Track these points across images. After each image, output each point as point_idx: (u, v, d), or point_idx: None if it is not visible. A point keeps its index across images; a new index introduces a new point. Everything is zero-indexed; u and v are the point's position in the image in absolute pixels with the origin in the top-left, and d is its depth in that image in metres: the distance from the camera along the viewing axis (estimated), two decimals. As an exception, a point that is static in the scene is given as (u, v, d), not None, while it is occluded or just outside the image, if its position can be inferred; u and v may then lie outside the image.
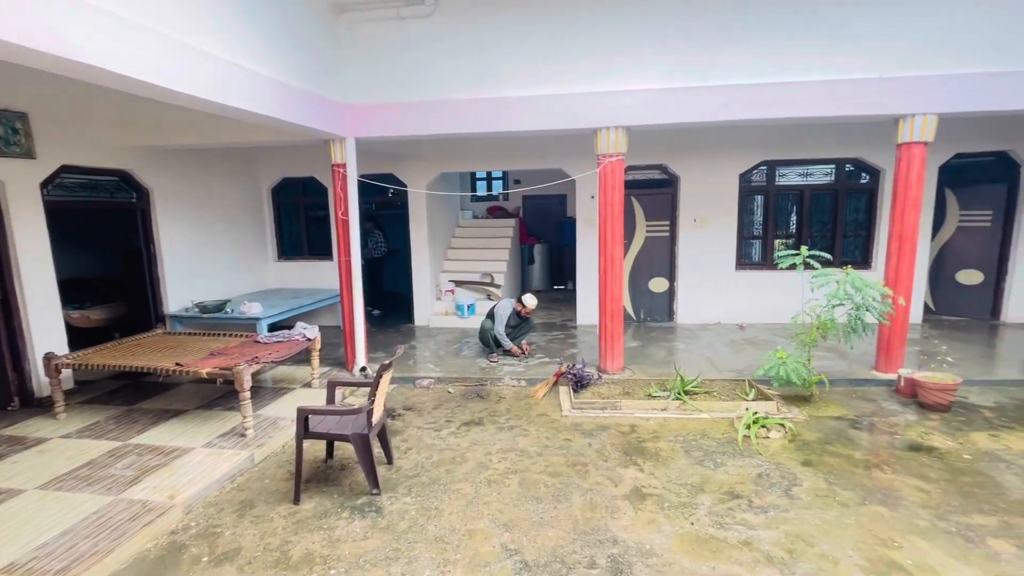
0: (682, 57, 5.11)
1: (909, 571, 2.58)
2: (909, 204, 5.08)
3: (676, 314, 7.93)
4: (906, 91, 4.91)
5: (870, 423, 4.33)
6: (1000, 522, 2.95)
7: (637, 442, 4.08)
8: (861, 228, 7.66)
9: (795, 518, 3.03)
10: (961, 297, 7.72)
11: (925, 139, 4.99)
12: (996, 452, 3.77)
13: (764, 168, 7.68)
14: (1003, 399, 4.78)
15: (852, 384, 5.19)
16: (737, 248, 7.70)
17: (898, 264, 5.16)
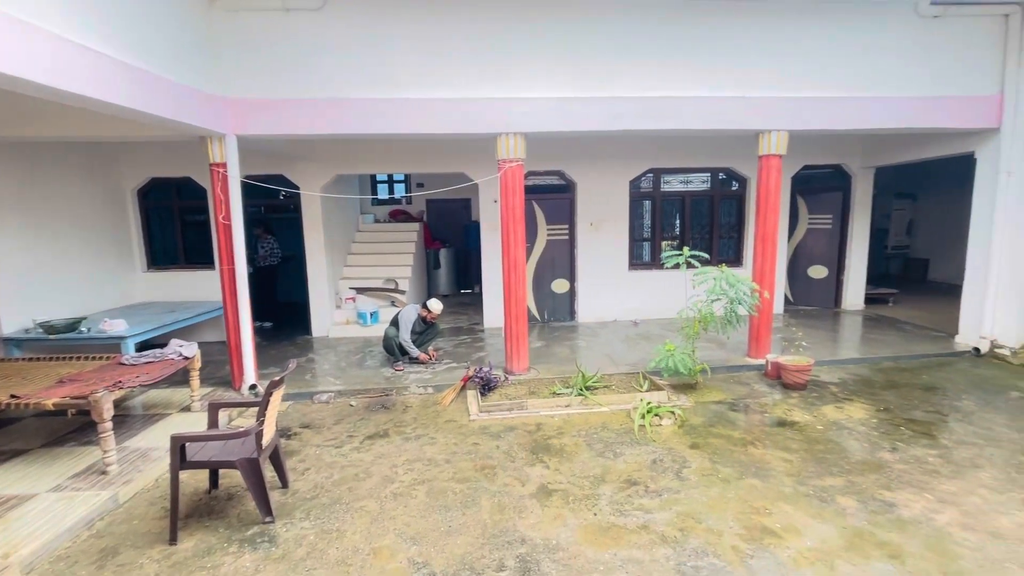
0: (578, 69, 5.36)
1: (778, 534, 2.91)
2: (770, 208, 5.77)
3: (577, 313, 8.28)
4: (765, 110, 5.58)
5: (745, 405, 4.84)
6: (846, 481, 3.44)
7: (543, 440, 4.18)
8: (733, 230, 8.57)
9: (685, 498, 3.29)
10: (812, 289, 8.94)
11: (780, 152, 5.70)
12: (841, 421, 4.40)
13: (651, 175, 8.30)
14: (845, 376, 5.60)
15: (730, 370, 5.78)
16: (629, 250, 8.23)
17: (763, 262, 5.84)
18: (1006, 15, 5.71)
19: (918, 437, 4.06)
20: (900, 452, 3.82)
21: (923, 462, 3.67)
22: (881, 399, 4.88)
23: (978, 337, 6.16)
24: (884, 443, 3.97)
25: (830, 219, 8.66)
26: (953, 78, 5.81)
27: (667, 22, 5.40)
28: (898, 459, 3.72)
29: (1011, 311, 5.93)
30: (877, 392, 5.07)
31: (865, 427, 4.27)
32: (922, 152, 7.03)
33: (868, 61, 5.68)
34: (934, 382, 5.31)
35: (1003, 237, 5.93)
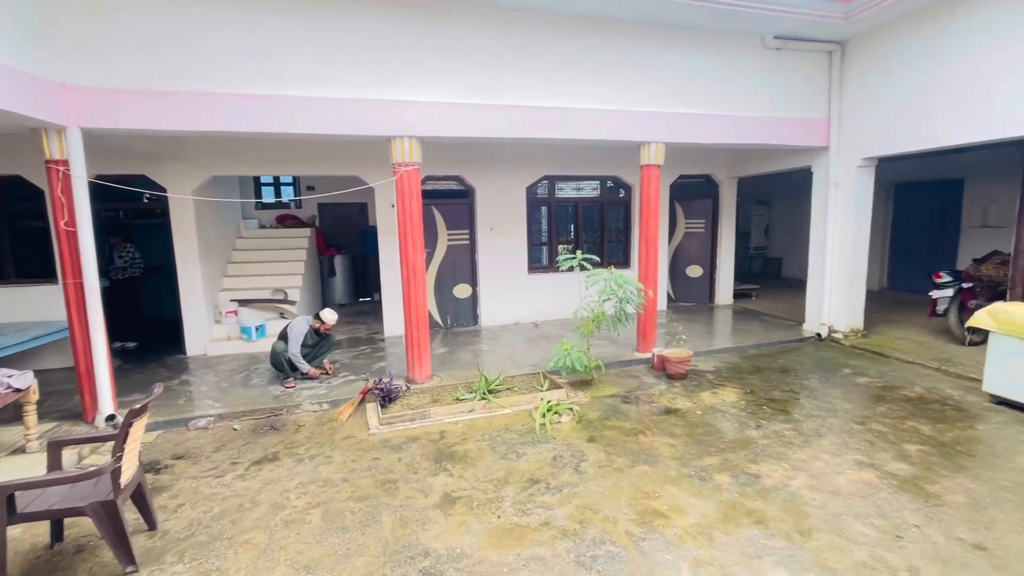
0: (472, 76, 5.41)
1: (666, 514, 3.16)
2: (651, 214, 6.27)
3: (480, 317, 8.33)
4: (645, 123, 6.06)
5: (635, 397, 5.19)
6: (721, 459, 3.83)
7: (447, 447, 4.14)
8: (622, 234, 9.19)
9: (584, 491, 3.44)
10: (690, 287, 9.87)
11: (658, 162, 6.22)
12: (716, 405, 4.90)
13: (546, 182, 8.62)
14: (719, 364, 6.24)
15: (621, 365, 6.17)
16: (528, 253, 8.47)
17: (647, 263, 6.32)
18: (829, 52, 6.77)
19: (777, 414, 4.65)
20: (763, 428, 4.34)
21: (781, 436, 4.20)
22: (748, 383, 5.51)
23: (819, 324, 7.22)
24: (751, 422, 4.49)
25: (703, 223, 9.62)
26: (793, 102, 6.77)
27: (555, 38, 5.65)
28: (762, 435, 4.22)
29: (842, 302, 7.02)
30: (744, 377, 5.72)
31: (736, 409, 4.80)
32: (773, 165, 8.09)
33: (727, 84, 6.41)
34: (788, 365, 6.11)
35: (834, 238, 7.01)
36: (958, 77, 5.42)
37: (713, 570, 2.65)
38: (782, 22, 6.06)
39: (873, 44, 6.34)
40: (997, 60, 5.07)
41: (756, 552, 2.78)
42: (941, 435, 4.11)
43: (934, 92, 5.66)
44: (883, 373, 5.67)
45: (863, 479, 3.48)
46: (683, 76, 6.22)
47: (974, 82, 5.28)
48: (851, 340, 6.87)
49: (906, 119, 5.99)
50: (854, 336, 6.95)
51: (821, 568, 2.64)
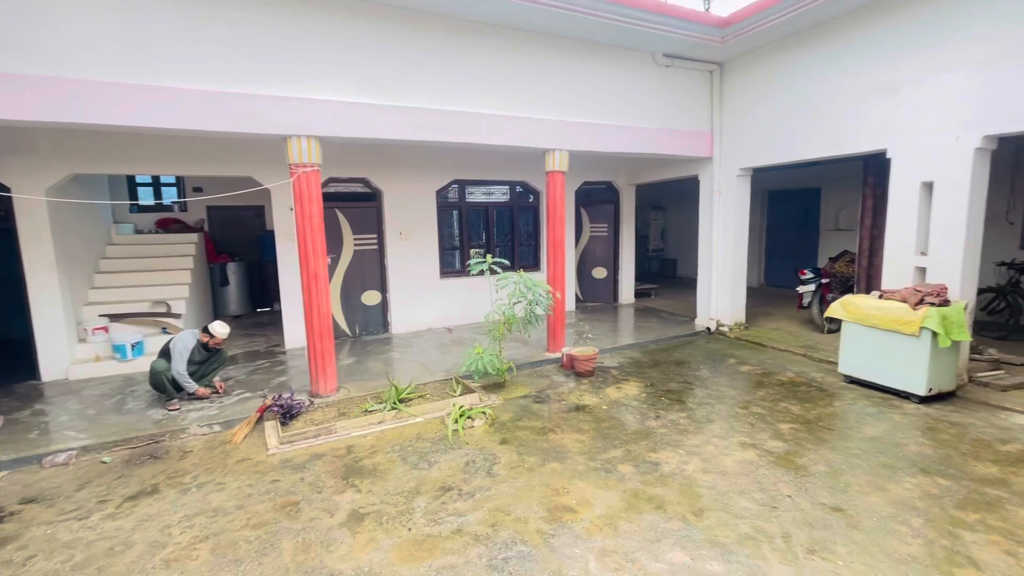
0: (375, 76, 5.25)
1: (575, 509, 3.26)
2: (557, 218, 6.48)
3: (391, 324, 8.09)
4: (549, 131, 6.26)
5: (546, 396, 5.33)
6: (624, 451, 4.04)
7: (354, 462, 3.96)
8: (532, 238, 9.41)
9: (496, 494, 3.46)
10: (596, 288, 10.35)
11: (563, 169, 6.45)
12: (620, 400, 5.17)
13: (456, 186, 8.59)
14: (623, 360, 6.60)
15: (533, 366, 6.30)
16: (440, 258, 8.38)
17: (555, 266, 6.53)
18: (711, 71, 7.46)
19: (673, 404, 5.00)
20: (662, 418, 4.65)
21: (677, 424, 4.53)
22: (648, 376, 5.88)
23: (708, 319, 7.91)
24: (651, 413, 4.79)
25: (606, 227, 10.14)
26: (682, 116, 7.37)
27: (461, 43, 5.67)
28: (660, 425, 4.52)
29: (727, 298, 7.75)
30: (645, 371, 6.10)
31: (637, 401, 5.09)
32: (666, 173, 8.74)
33: (624, 97, 6.83)
34: (683, 357, 6.62)
35: (719, 240, 7.72)
36: (813, 101, 6.22)
37: (617, 558, 2.78)
38: (670, 41, 6.57)
39: (746, 67, 7.09)
40: (843, 88, 5.89)
41: (656, 536, 2.96)
42: (807, 413, 4.67)
43: (795, 112, 6.45)
44: (762, 361, 6.33)
45: (746, 458, 3.86)
46: (584, 88, 6.53)
47: (826, 106, 6.09)
48: (735, 332, 7.60)
49: (773, 135, 6.75)
50: (738, 329, 7.70)
51: (712, 544, 2.88)
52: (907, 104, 5.26)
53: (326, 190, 7.46)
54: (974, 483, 3.41)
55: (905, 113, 5.29)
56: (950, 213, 4.96)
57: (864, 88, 5.64)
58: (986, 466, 3.62)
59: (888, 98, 5.42)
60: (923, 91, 5.12)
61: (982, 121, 4.69)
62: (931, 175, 5.10)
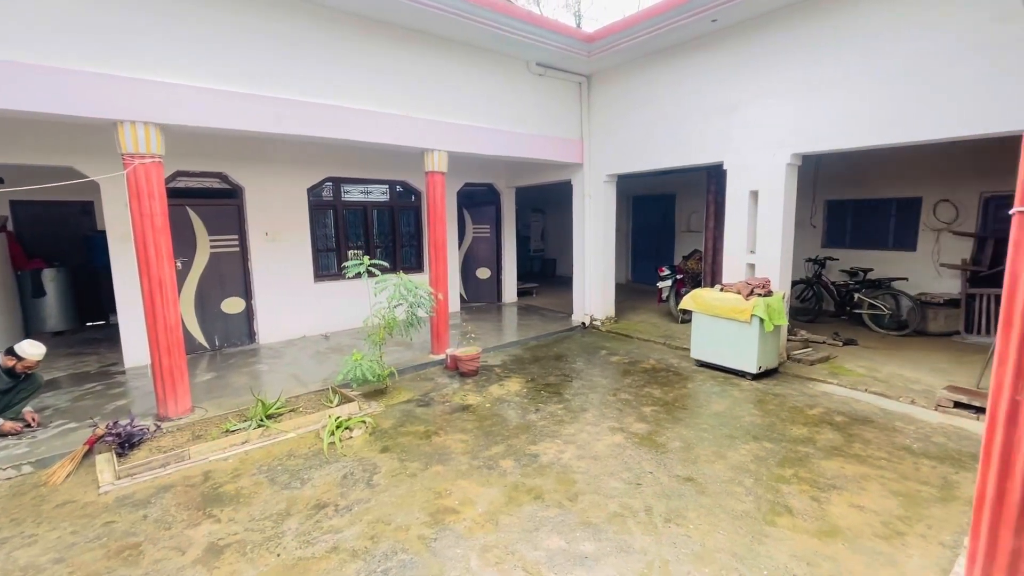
0: (237, 59, 4.76)
1: (457, 509, 3.27)
2: (438, 219, 6.45)
3: (258, 334, 7.40)
4: (428, 131, 6.20)
5: (430, 399, 5.27)
6: (506, 446, 4.16)
7: (213, 490, 3.55)
8: (413, 239, 9.24)
9: (376, 505, 3.34)
10: (480, 288, 10.50)
11: (442, 169, 6.43)
12: (503, 396, 5.30)
13: (330, 184, 8.12)
14: (506, 357, 6.78)
15: (417, 369, 6.20)
16: (313, 261, 7.87)
17: (437, 267, 6.48)
18: (579, 83, 7.97)
19: (552, 397, 5.26)
20: (541, 411, 4.87)
21: (555, 416, 4.76)
22: (529, 372, 6.11)
23: (583, 314, 8.45)
24: (531, 407, 4.99)
25: (488, 228, 10.33)
26: (556, 123, 7.77)
27: (336, 34, 5.37)
28: (540, 418, 4.72)
29: (599, 295, 8.34)
30: (526, 366, 6.33)
31: (519, 397, 5.27)
32: (543, 177, 9.14)
33: (502, 102, 7.01)
34: (561, 352, 6.99)
35: (590, 241, 8.28)
36: (668, 115, 6.95)
37: (498, 552, 2.85)
38: (542, 51, 6.88)
39: (610, 81, 7.69)
40: (691, 106, 6.65)
41: (535, 525, 3.09)
42: (666, 396, 5.21)
43: (653, 125, 7.15)
44: (629, 351, 6.93)
45: (615, 442, 4.19)
46: (464, 90, 6.58)
47: (678, 121, 6.83)
48: (607, 326, 8.22)
49: (634, 145, 7.42)
50: (609, 323, 8.33)
51: (586, 525, 3.08)
52: (739, 124, 6.12)
53: (174, 185, 6.59)
54: (790, 444, 4.07)
55: (737, 131, 6.14)
56: (771, 217, 5.88)
57: (707, 107, 6.44)
58: (799, 428, 4.35)
59: (725, 117, 6.25)
60: (750, 113, 5.99)
61: (791, 141, 5.63)
62: (756, 185, 5.99)
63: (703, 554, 2.79)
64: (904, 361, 6.05)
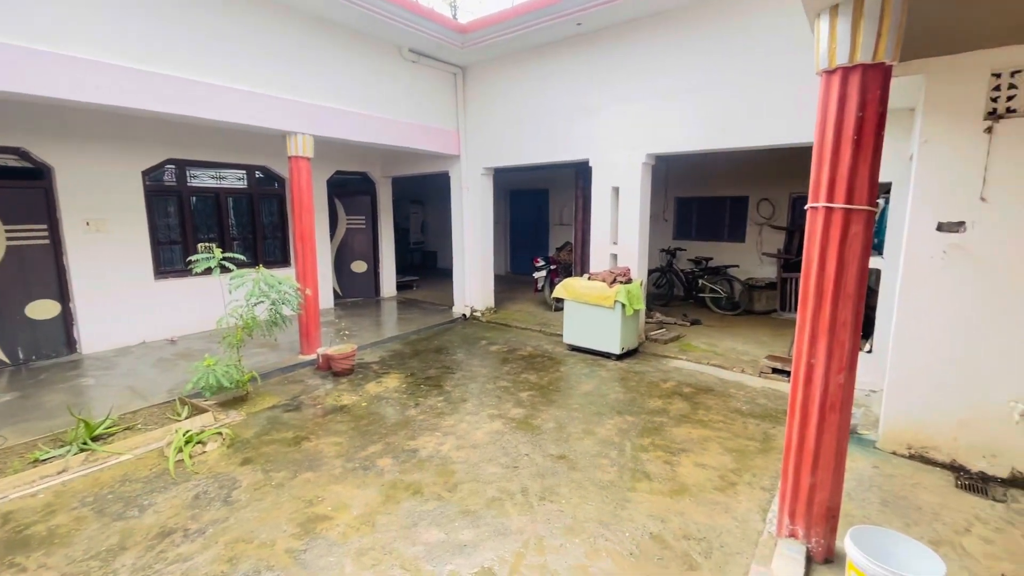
0: (37, 5, 3.87)
1: (330, 516, 3.10)
2: (304, 209, 5.99)
3: (79, 343, 6.23)
4: (291, 112, 5.70)
5: (299, 402, 4.91)
6: (384, 444, 4.03)
7: (17, 533, 2.93)
8: (278, 230, 8.48)
9: (236, 523, 3.03)
10: (356, 282, 10.01)
11: (307, 155, 5.97)
12: (381, 394, 5.13)
13: (173, 167, 7.11)
14: (384, 353, 6.56)
15: (284, 371, 5.73)
16: (154, 255, 6.84)
17: (304, 260, 6.03)
18: (454, 73, 7.93)
19: (432, 390, 5.21)
20: (421, 405, 4.80)
21: (435, 408, 4.73)
22: (408, 366, 5.98)
23: (464, 306, 8.50)
24: (411, 402, 4.89)
25: (363, 220, 9.86)
26: (432, 113, 7.64)
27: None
28: (420, 412, 4.66)
29: (478, 286, 8.44)
30: (406, 361, 6.19)
31: (398, 393, 5.13)
32: (420, 168, 8.96)
33: (376, 87, 6.71)
34: (442, 344, 6.95)
35: (468, 233, 8.33)
36: (539, 112, 7.21)
37: (375, 553, 2.76)
38: (415, 37, 6.69)
39: (485, 74, 7.76)
40: (560, 105, 6.98)
41: (413, 521, 3.04)
42: (542, 380, 5.46)
43: (525, 121, 7.37)
44: (508, 340, 7.13)
45: (494, 429, 4.29)
46: (334, 72, 6.16)
47: (548, 118, 7.13)
48: (487, 317, 8.36)
49: (508, 139, 7.60)
50: (489, 313, 8.48)
51: (464, 514, 3.11)
52: (601, 124, 6.57)
53: (-54, 161, 5.25)
54: (648, 415, 4.53)
55: (600, 131, 6.60)
56: (630, 211, 6.43)
57: (575, 107, 6.81)
58: (655, 401, 4.86)
59: (590, 118, 6.67)
60: (611, 115, 6.47)
61: (646, 143, 6.20)
62: (617, 182, 6.50)
63: (574, 526, 2.98)
64: (737, 336, 7.06)
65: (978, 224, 3.24)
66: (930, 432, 3.52)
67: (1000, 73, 3.13)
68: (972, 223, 3.26)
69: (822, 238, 2.35)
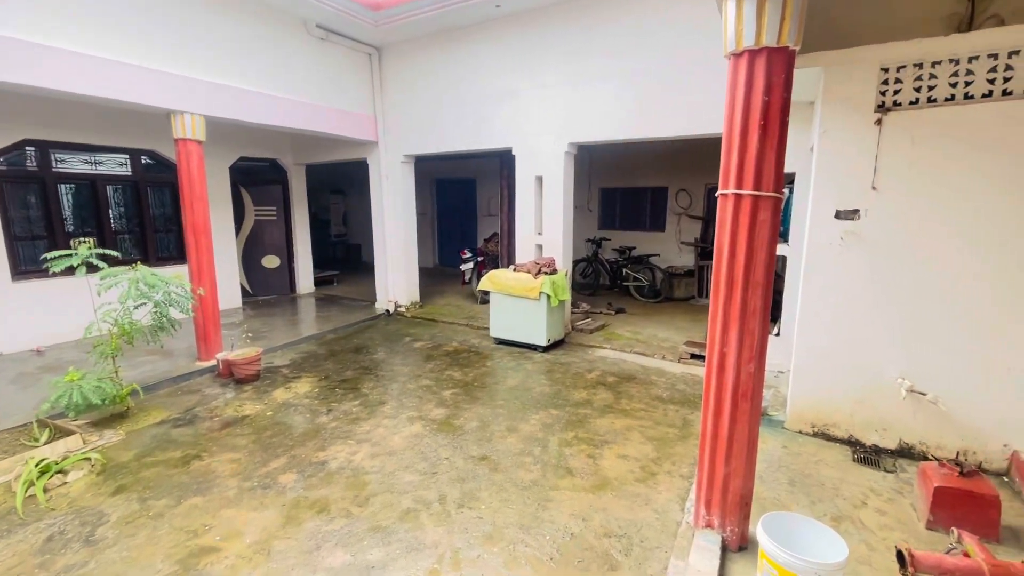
0: None
1: (219, 547, 2.72)
2: (196, 198, 5.34)
3: (-87, 358, 5.22)
4: (177, 88, 5.04)
5: (192, 416, 4.37)
6: (289, 458, 3.65)
7: None
8: (172, 223, 7.60)
9: (98, 567, 2.57)
10: (269, 278, 9.25)
11: (198, 137, 5.31)
12: (290, 400, 4.70)
13: (34, 150, 6.11)
14: (296, 355, 6.06)
15: (178, 381, 5.11)
16: (10, 252, 5.86)
17: (199, 255, 5.39)
18: (369, 54, 7.44)
19: (348, 393, 4.85)
20: (334, 412, 4.44)
21: (349, 414, 4.39)
22: (323, 369, 5.55)
23: (387, 301, 8.10)
24: (323, 408, 4.51)
25: (274, 210, 9.11)
26: (346, 96, 7.12)
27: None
28: (332, 419, 4.30)
29: (402, 280, 8.07)
30: (321, 363, 5.75)
31: (309, 399, 4.73)
32: (335, 154, 8.38)
33: (282, 66, 6.12)
34: (361, 343, 6.55)
35: (390, 225, 7.92)
36: (461, 98, 6.92)
37: (269, 586, 2.44)
38: (320, 10, 6.15)
39: (403, 55, 7.34)
40: (481, 90, 6.72)
41: (316, 544, 2.74)
42: (466, 377, 5.26)
43: (446, 106, 7.06)
44: (433, 335, 6.85)
45: (413, 432, 4.03)
46: (229, 46, 5.53)
47: (470, 104, 6.85)
48: (412, 312, 8.01)
49: (429, 126, 7.25)
50: (414, 308, 8.14)
51: (375, 530, 2.85)
52: (523, 111, 6.41)
53: None
54: (573, 408, 4.47)
55: (523, 118, 6.44)
56: (554, 201, 6.35)
57: (497, 93, 6.59)
58: (580, 392, 4.81)
59: (512, 103, 6.49)
60: (533, 101, 6.32)
61: (567, 131, 6.12)
62: (541, 171, 6.39)
63: (493, 533, 2.82)
64: (658, 324, 7.24)
65: (870, 212, 3.42)
66: (831, 410, 3.71)
67: (888, 67, 3.29)
68: (865, 211, 3.43)
69: (732, 225, 2.32)
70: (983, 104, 3.06)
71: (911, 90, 3.25)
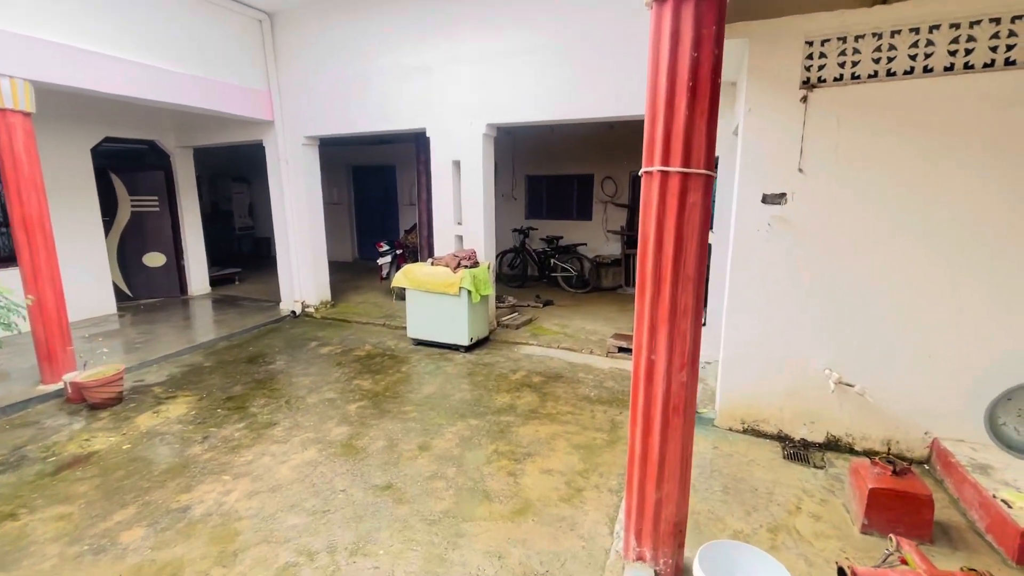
0: None
1: (12, 648, 2.02)
2: (26, 185, 4.31)
3: None
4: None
5: (19, 458, 3.48)
6: (139, 507, 2.93)
7: None
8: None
9: None
10: (153, 279, 8.05)
11: (26, 109, 4.28)
12: (155, 428, 3.90)
13: None
14: (175, 370, 5.17)
15: (7, 412, 4.13)
16: None
17: (33, 256, 4.38)
18: (260, 21, 6.50)
19: (232, 414, 4.12)
20: (211, 439, 3.71)
21: (230, 440, 3.69)
22: (206, 385, 4.74)
23: (293, 301, 7.26)
24: (197, 435, 3.77)
25: (156, 200, 7.90)
26: (235, 69, 6.18)
27: None
28: (207, 448, 3.58)
29: (310, 277, 7.25)
30: (204, 378, 4.92)
31: (181, 424, 3.95)
32: (226, 136, 7.33)
33: (142, 24, 5.13)
34: (259, 351, 5.74)
35: (293, 215, 7.07)
36: (366, 73, 6.18)
37: None
38: (190, -36, 5.22)
39: (302, 24, 6.46)
40: (389, 65, 6.03)
41: (153, 630, 2.11)
42: (377, 385, 4.67)
43: (352, 82, 6.30)
44: (344, 338, 6.16)
45: (306, 459, 3.42)
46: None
47: (376, 80, 6.15)
48: (322, 312, 7.23)
49: (332, 103, 6.47)
50: (324, 308, 7.36)
51: (240, 598, 2.26)
52: (436, 89, 5.83)
53: None
54: (495, 415, 4.04)
55: (436, 97, 5.85)
56: (473, 188, 5.85)
57: (406, 67, 5.94)
58: (503, 397, 4.39)
59: (424, 80, 5.87)
60: (447, 78, 5.75)
61: (484, 112, 5.62)
62: (458, 155, 5.86)
63: (390, 587, 2.32)
64: (587, 315, 6.99)
65: (797, 195, 3.23)
66: (761, 405, 3.54)
67: (812, 41, 3.09)
68: (792, 194, 3.24)
69: (658, 209, 1.95)
70: (907, 80, 2.92)
71: (835, 65, 3.06)
